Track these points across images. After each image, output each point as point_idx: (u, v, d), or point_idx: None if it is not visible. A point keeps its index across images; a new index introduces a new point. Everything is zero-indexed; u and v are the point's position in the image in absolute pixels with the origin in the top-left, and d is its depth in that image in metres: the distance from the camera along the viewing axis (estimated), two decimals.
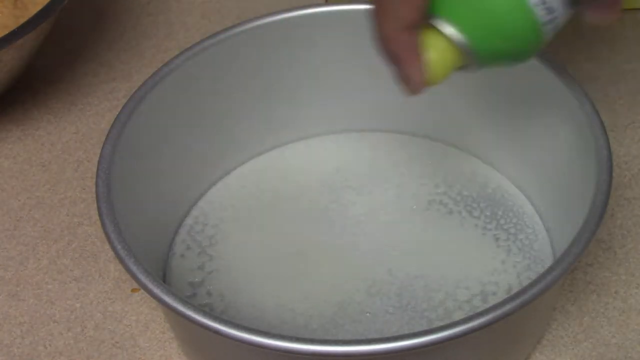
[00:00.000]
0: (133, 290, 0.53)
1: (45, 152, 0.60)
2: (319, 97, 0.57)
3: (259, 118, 0.56)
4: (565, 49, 0.63)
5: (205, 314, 0.41)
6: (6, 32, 0.56)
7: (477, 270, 0.51)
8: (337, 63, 0.55)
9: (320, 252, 0.53)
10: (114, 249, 0.44)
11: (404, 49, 0.42)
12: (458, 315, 0.49)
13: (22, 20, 0.57)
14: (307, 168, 0.57)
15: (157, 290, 0.43)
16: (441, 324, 0.42)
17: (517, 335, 0.47)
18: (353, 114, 0.58)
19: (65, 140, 0.61)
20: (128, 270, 0.44)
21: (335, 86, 0.56)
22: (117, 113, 0.49)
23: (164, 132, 0.52)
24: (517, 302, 0.41)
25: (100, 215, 0.46)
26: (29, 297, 0.53)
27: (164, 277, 0.52)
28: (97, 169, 0.47)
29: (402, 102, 0.57)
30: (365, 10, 0.53)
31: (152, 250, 0.50)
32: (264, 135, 0.57)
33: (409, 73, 0.42)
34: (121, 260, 0.44)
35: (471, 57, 0.43)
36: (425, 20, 0.42)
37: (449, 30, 0.42)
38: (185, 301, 0.42)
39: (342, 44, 0.54)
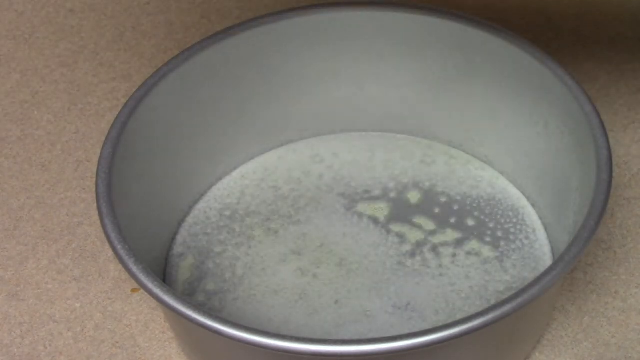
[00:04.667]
0: (133, 290, 0.53)
1: (45, 152, 0.60)
2: (319, 97, 0.57)
3: (258, 118, 0.56)
4: (566, 49, 0.63)
5: (205, 314, 0.41)
6: None
7: (477, 269, 0.51)
8: (337, 63, 0.55)
9: (320, 252, 0.53)
10: (114, 249, 0.44)
11: None
12: (458, 315, 0.49)
13: None
14: (307, 168, 0.57)
15: (157, 290, 0.43)
16: (441, 324, 0.42)
17: (517, 335, 0.47)
18: (353, 114, 0.58)
19: (65, 140, 0.61)
20: (128, 270, 0.44)
21: (336, 86, 0.56)
22: (117, 113, 0.49)
23: (164, 132, 0.52)
24: (517, 302, 0.41)
25: (100, 215, 0.46)
26: (29, 297, 0.53)
27: (164, 277, 0.52)
28: (97, 169, 0.47)
29: (402, 103, 0.57)
30: (365, 10, 0.54)
31: (152, 250, 0.50)
32: (264, 135, 0.57)
33: None
34: (121, 260, 0.44)
35: None
36: None
37: None
38: (185, 301, 0.42)
39: (342, 44, 0.54)
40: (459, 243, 0.53)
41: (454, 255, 0.52)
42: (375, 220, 0.54)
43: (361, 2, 0.53)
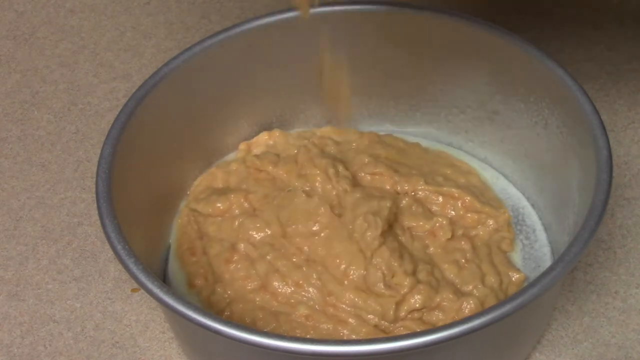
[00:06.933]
0: (133, 290, 0.53)
1: (45, 152, 0.60)
2: (319, 98, 0.57)
3: (258, 118, 0.56)
4: (565, 49, 0.63)
5: (205, 314, 0.41)
6: None
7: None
8: (337, 63, 0.55)
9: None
10: (114, 249, 0.44)
11: None
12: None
13: None
14: None
15: (157, 290, 0.43)
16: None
17: (517, 335, 0.47)
18: (352, 114, 0.57)
19: (65, 140, 0.61)
20: (128, 270, 0.44)
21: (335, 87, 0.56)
22: (117, 113, 0.49)
23: (164, 132, 0.52)
24: (517, 302, 0.41)
25: (100, 215, 0.46)
26: (29, 297, 0.53)
27: (164, 277, 0.52)
28: (97, 169, 0.47)
29: (402, 104, 0.57)
30: (366, 10, 0.53)
31: (152, 250, 0.50)
32: None
33: None
34: (121, 260, 0.44)
35: None
36: None
37: None
38: (185, 301, 0.42)
39: (342, 44, 0.54)
40: None
41: None
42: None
43: (359, 0, 0.53)
